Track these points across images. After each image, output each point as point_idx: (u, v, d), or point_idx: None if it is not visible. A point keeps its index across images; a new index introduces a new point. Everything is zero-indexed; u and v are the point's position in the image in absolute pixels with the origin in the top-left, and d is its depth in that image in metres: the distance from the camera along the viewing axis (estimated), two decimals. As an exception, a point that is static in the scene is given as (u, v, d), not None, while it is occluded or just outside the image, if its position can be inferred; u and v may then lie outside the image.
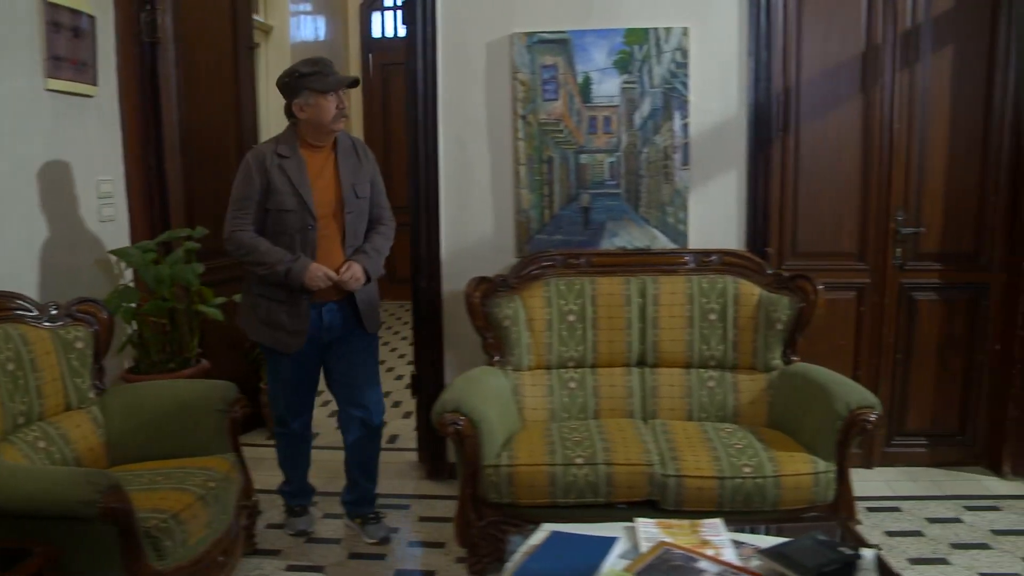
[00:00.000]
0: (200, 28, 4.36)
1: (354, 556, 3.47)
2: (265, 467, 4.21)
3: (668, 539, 2.46)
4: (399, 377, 6.11)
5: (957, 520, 3.68)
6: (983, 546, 3.45)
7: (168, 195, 4.17)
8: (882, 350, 4.11)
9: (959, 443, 4.20)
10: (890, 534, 3.56)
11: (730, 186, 3.88)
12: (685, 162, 3.86)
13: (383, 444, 3.71)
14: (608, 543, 2.44)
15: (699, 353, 3.63)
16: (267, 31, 6.18)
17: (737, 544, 2.45)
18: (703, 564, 2.30)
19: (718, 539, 2.47)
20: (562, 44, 3.79)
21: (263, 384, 4.72)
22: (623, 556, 2.41)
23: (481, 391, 3.33)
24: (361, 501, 3.67)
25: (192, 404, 3.26)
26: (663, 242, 3.89)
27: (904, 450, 4.21)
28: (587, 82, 3.81)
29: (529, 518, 2.97)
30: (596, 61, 3.80)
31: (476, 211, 3.95)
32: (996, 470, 4.12)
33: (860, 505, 3.77)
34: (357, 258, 3.36)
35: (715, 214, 3.89)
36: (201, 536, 2.80)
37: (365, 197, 3.41)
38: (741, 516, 3.03)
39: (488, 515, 3.14)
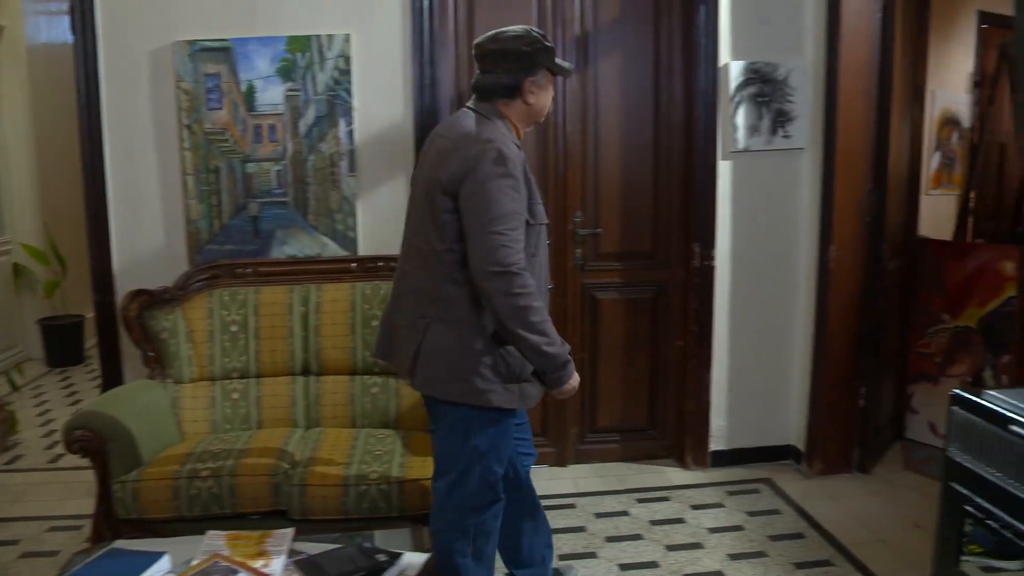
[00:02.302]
0: None
1: None
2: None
3: (227, 551, 2.45)
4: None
5: (624, 513, 3.77)
6: (636, 537, 3.56)
7: None
8: (570, 349, 4.17)
9: (649, 437, 4.32)
10: (553, 531, 3.61)
11: (399, 192, 3.86)
12: (352, 169, 3.85)
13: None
14: (157, 557, 2.41)
15: (363, 360, 3.62)
16: (-4, 31, 5.90)
17: (294, 553, 2.45)
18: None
19: (275, 549, 2.47)
20: (225, 52, 3.74)
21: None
22: (174, 570, 2.40)
23: (125, 406, 3.28)
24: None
25: None
26: (333, 249, 3.87)
27: (597, 447, 4.30)
28: (251, 90, 3.77)
29: (158, 532, 2.96)
30: (259, 69, 3.75)
31: (148, 222, 3.85)
32: (681, 461, 4.26)
33: (536, 503, 3.86)
34: None
35: (385, 220, 3.87)
36: None
37: None
38: (372, 523, 3.06)
39: (123, 532, 3.07)
